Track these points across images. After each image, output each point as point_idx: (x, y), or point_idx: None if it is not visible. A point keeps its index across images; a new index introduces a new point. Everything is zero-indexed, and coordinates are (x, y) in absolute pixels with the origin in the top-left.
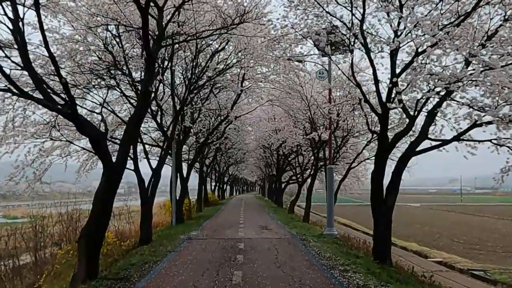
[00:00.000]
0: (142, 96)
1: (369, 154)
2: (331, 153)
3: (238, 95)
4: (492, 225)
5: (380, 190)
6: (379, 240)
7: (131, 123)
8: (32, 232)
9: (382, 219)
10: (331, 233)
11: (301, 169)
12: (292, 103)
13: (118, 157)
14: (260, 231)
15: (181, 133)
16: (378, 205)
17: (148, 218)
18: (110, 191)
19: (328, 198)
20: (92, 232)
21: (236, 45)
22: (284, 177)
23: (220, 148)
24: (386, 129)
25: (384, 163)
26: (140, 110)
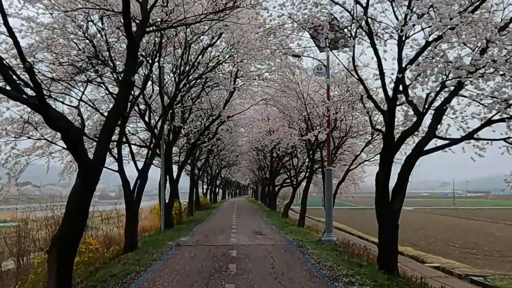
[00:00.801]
0: (123, 86)
1: (367, 156)
2: (329, 154)
3: (231, 93)
4: (486, 228)
5: (386, 192)
6: (385, 247)
7: (111, 116)
8: (16, 236)
9: (388, 225)
10: (330, 239)
11: (296, 172)
12: (287, 102)
13: (95, 155)
14: (253, 236)
15: (170, 133)
16: (383, 209)
17: (133, 223)
18: (86, 193)
19: (327, 201)
20: (65, 241)
21: (229, 38)
22: (278, 180)
23: (212, 150)
24: (392, 126)
25: (390, 163)
26: (121, 102)
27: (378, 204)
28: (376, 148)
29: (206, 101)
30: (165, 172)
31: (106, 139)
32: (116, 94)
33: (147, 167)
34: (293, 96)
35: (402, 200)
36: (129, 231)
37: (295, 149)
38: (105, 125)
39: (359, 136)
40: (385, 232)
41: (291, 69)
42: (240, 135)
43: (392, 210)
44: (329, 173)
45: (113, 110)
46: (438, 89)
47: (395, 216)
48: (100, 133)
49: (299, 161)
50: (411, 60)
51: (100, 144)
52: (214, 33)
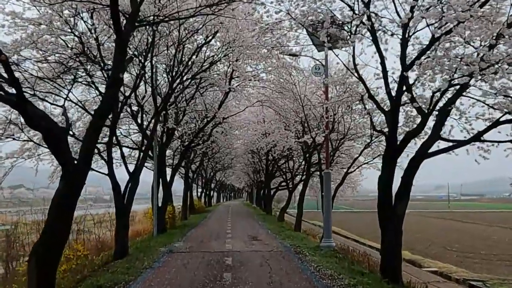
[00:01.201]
0: (111, 83)
1: (365, 159)
2: (328, 156)
3: (226, 94)
4: (482, 232)
5: (389, 197)
6: (388, 254)
7: (97, 115)
8: (6, 241)
9: (391, 230)
10: (328, 244)
11: (292, 175)
12: (284, 103)
13: (80, 156)
14: (249, 242)
15: (164, 135)
16: (386, 214)
17: (124, 229)
18: (70, 196)
19: (325, 205)
20: (47, 249)
21: (224, 37)
22: (273, 183)
23: (206, 153)
24: (395, 127)
25: (393, 166)
26: (109, 101)
27: (380, 209)
28: (375, 151)
29: (201, 102)
30: (158, 175)
31: (92, 139)
32: (102, 95)
33: (139, 170)
34: (289, 98)
35: (406, 204)
36: (119, 236)
37: (291, 152)
38: (91, 124)
39: (357, 139)
40: (388, 238)
41: (288, 70)
42: (235, 137)
43: (396, 215)
44: (328, 176)
45: (100, 108)
46: (444, 88)
47: (398, 221)
48: (85, 133)
49: (295, 164)
50: (417, 56)
51: (86, 144)
52: (209, 31)
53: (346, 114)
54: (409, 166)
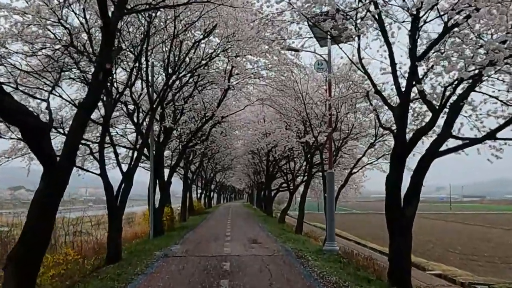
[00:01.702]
0: (97, 74)
1: (368, 159)
2: (331, 156)
3: (225, 92)
4: (485, 234)
5: (397, 198)
6: (397, 260)
7: (82, 108)
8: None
9: (400, 234)
10: (331, 248)
11: (293, 176)
12: (285, 102)
13: (63, 152)
14: (249, 245)
15: (161, 134)
16: (395, 216)
17: (116, 231)
18: (53, 197)
19: (328, 207)
20: (26, 255)
21: (223, 30)
22: (274, 185)
23: (206, 153)
24: (405, 124)
25: (402, 165)
26: (94, 92)
27: (388, 211)
28: (378, 151)
29: (199, 101)
30: (154, 176)
31: (76, 134)
32: (89, 87)
33: (133, 170)
34: (291, 96)
35: (415, 206)
36: (112, 240)
37: (292, 152)
38: (75, 118)
39: (361, 138)
40: (397, 242)
41: (289, 66)
42: (235, 137)
43: (405, 217)
44: (331, 177)
45: (85, 101)
46: (467, 77)
47: (407, 224)
48: (70, 128)
49: (296, 164)
50: (430, 45)
51: (70, 140)
52: (207, 26)
53: (350, 112)
54: (418, 166)
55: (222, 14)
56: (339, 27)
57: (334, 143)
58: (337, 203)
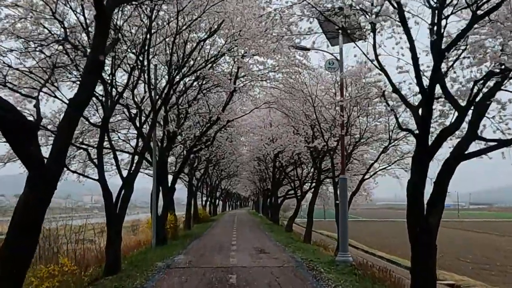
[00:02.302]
0: (90, 68)
1: (379, 165)
2: (343, 160)
3: (231, 95)
4: (494, 242)
5: (420, 204)
6: (420, 274)
7: (73, 105)
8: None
9: (423, 245)
10: (345, 259)
11: (300, 182)
12: (293, 105)
13: (52, 154)
14: (256, 255)
15: (165, 138)
16: (417, 225)
17: (115, 241)
18: (39, 203)
19: (341, 215)
20: (8, 268)
21: (229, 28)
22: (280, 192)
23: (211, 160)
24: (428, 124)
25: (425, 169)
26: (86, 88)
27: (410, 219)
28: (391, 156)
29: (204, 105)
30: (157, 182)
31: (65, 134)
32: (80, 82)
33: (133, 176)
34: (299, 98)
35: (440, 214)
36: (111, 250)
37: (299, 158)
38: (65, 116)
39: (373, 143)
40: (420, 254)
41: (298, 67)
42: (241, 143)
43: (428, 226)
44: (344, 183)
45: (76, 98)
46: (486, 76)
47: (431, 233)
48: (58, 127)
49: (303, 171)
50: (458, 36)
51: (58, 140)
52: (212, 24)
53: (361, 116)
54: (442, 169)
55: (228, 10)
56: (352, 24)
57: (346, 148)
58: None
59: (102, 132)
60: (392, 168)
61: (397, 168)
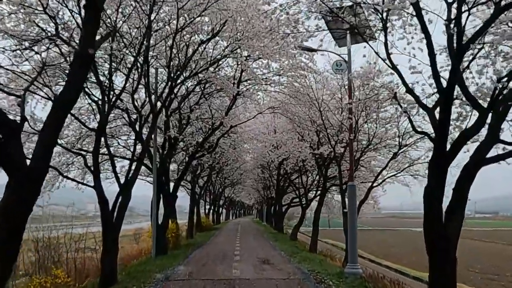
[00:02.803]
0: (78, 60)
1: (387, 172)
2: (352, 166)
3: (234, 99)
4: (502, 251)
5: (439, 212)
6: (438, 280)
7: (59, 103)
8: None
9: (441, 256)
10: (354, 271)
11: (305, 190)
12: (298, 110)
13: (35, 156)
14: (260, 266)
15: (166, 144)
16: (436, 234)
17: (111, 252)
18: (21, 209)
19: (350, 224)
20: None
21: (232, 28)
22: (285, 200)
23: (214, 167)
24: (446, 126)
25: (444, 174)
26: (74, 85)
27: (428, 228)
28: (400, 163)
29: (207, 110)
30: (158, 189)
31: (50, 133)
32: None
33: (131, 182)
34: (305, 103)
35: (459, 222)
36: (106, 260)
37: (304, 165)
38: (50, 114)
39: (381, 149)
40: (438, 267)
41: (304, 70)
42: (244, 151)
43: (448, 236)
44: (353, 190)
45: (62, 94)
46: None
47: (449, 240)
48: (43, 125)
49: (308, 178)
50: (480, 29)
51: (42, 141)
52: (214, 25)
53: (369, 122)
54: (462, 175)
55: (231, 8)
56: (361, 22)
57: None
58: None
59: (98, 136)
60: (402, 175)
61: (406, 175)
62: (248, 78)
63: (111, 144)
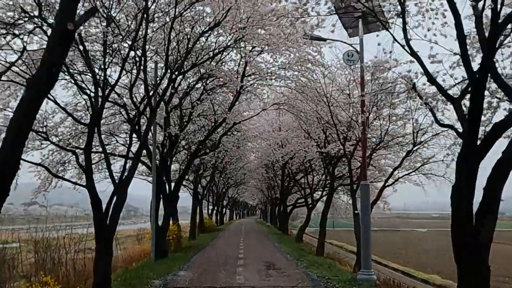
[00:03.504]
0: (56, 36)
1: (398, 172)
2: (364, 164)
3: (238, 94)
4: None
5: (469, 214)
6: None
7: (31, 86)
8: None
9: (472, 262)
10: (368, 277)
11: (311, 190)
12: (303, 106)
13: (3, 148)
14: (265, 272)
15: (165, 141)
16: (465, 240)
17: (105, 257)
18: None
19: (363, 227)
20: None
21: (236, 15)
22: (289, 200)
23: (217, 166)
24: (478, 117)
25: (474, 171)
26: (51, 65)
27: (457, 232)
28: (411, 162)
29: (209, 107)
30: (157, 189)
31: (19, 124)
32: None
33: (127, 182)
34: (313, 98)
35: (492, 225)
36: (99, 266)
37: (310, 165)
38: (22, 101)
39: (393, 146)
40: (469, 276)
41: (311, 63)
42: (248, 150)
43: (478, 241)
44: (366, 189)
45: (36, 77)
46: None
47: (481, 249)
48: (12, 117)
49: (314, 178)
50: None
51: (10, 134)
52: (216, 15)
53: (380, 118)
54: (493, 173)
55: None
56: (374, 8)
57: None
58: (344, 218)
59: (90, 131)
60: (415, 174)
61: (419, 174)
62: (252, 72)
63: (109, 142)
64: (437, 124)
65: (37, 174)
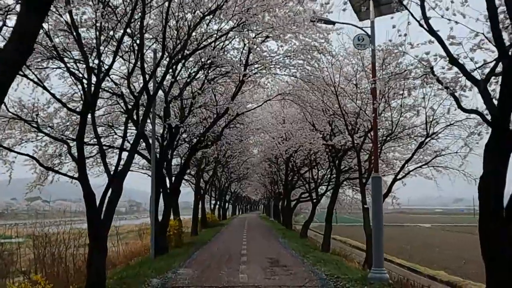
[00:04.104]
0: (25, 2)
1: (407, 165)
2: (376, 155)
3: (240, 84)
4: None
5: (498, 207)
6: None
7: (4, 53)
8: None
9: (502, 260)
10: (380, 276)
11: (316, 185)
12: (310, 97)
13: None
14: (270, 269)
15: (165, 133)
16: (494, 234)
17: (99, 254)
18: None
19: (375, 223)
20: None
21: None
22: (293, 195)
23: (219, 161)
24: (509, 100)
25: (506, 161)
26: (24, 33)
27: (485, 227)
28: (420, 155)
29: (211, 96)
30: (157, 182)
31: None
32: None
33: (122, 174)
34: (319, 87)
35: None
36: (93, 264)
37: (315, 158)
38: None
39: (404, 137)
40: (500, 273)
41: (318, 51)
42: (251, 143)
43: (509, 238)
44: (378, 182)
45: (5, 50)
46: None
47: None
48: None
49: (319, 171)
50: None
51: None
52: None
53: (391, 110)
54: None
55: None
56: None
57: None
58: (338, 212)
59: (82, 120)
60: (427, 167)
61: (430, 167)
62: (255, 61)
63: (108, 134)
64: (461, 109)
65: (33, 168)
